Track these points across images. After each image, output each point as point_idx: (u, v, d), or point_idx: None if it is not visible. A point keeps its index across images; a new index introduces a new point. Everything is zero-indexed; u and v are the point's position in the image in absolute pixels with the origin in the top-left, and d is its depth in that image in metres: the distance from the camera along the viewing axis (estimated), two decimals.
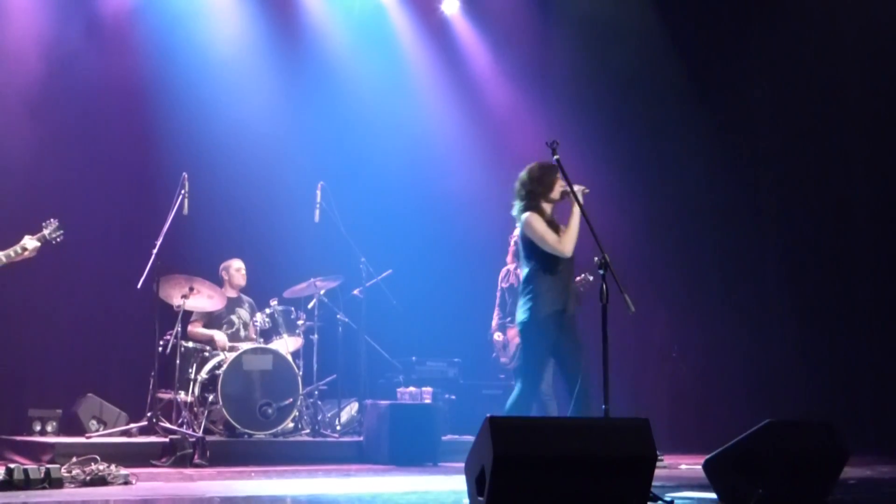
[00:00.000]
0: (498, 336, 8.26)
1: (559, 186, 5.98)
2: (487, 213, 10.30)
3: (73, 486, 5.23)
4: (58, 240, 6.98)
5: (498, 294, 8.33)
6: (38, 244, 6.80)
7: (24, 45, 8.70)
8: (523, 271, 6.10)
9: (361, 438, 8.01)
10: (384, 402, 8.08)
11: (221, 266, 8.58)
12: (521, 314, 6.02)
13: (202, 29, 9.53)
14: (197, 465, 6.82)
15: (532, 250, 5.99)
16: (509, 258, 8.21)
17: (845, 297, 9.95)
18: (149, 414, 7.47)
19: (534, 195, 6.02)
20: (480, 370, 9.71)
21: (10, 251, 6.68)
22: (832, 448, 4.80)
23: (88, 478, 5.33)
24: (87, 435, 7.50)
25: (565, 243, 5.94)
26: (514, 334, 8.11)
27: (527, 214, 5.97)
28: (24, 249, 6.72)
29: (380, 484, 5.90)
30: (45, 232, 6.87)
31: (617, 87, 10.48)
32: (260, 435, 7.63)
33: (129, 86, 9.09)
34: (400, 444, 7.60)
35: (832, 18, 10.01)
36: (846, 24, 10.00)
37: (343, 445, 7.96)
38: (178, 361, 7.69)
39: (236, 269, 8.55)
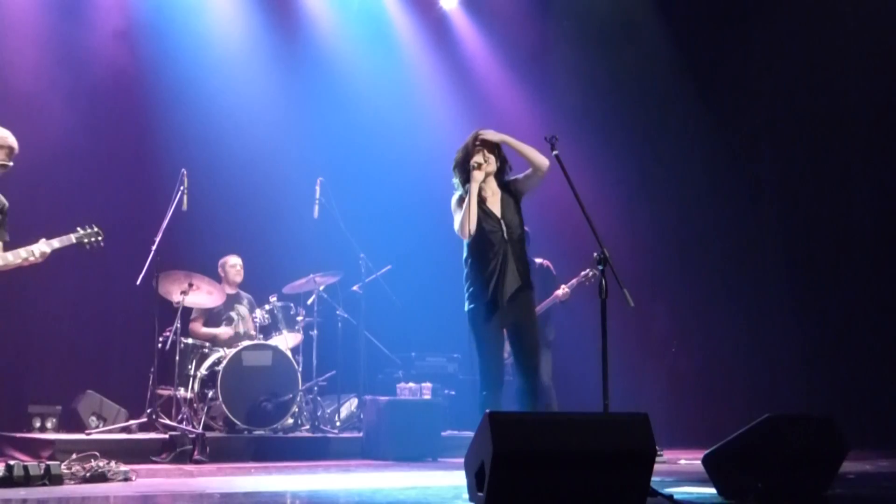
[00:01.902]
0: None
1: (473, 163, 5.73)
2: None
3: (72, 482, 5.24)
4: (93, 245, 6.47)
5: None
6: (48, 250, 6.23)
7: (23, 43, 8.69)
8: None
9: (361, 434, 8.02)
10: (384, 398, 8.08)
11: (219, 262, 8.59)
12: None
13: (201, 25, 9.53)
14: (197, 462, 6.83)
15: None
16: None
17: (845, 291, 9.95)
18: (148, 410, 7.48)
19: (461, 173, 5.85)
20: None
21: (22, 251, 6.18)
22: (831, 442, 4.80)
23: (88, 474, 5.34)
24: (86, 431, 7.51)
25: (456, 222, 5.73)
26: None
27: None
28: (31, 254, 6.16)
29: (380, 479, 5.91)
30: (73, 236, 6.40)
31: (617, 82, 10.48)
32: (259, 431, 7.64)
33: (128, 82, 9.09)
34: (399, 440, 7.61)
35: (832, 17, 10.00)
36: (847, 23, 9.99)
37: (343, 441, 7.96)
38: (177, 358, 7.70)
39: (231, 265, 8.55)
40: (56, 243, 6.31)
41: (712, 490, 4.84)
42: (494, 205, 5.79)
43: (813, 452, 4.70)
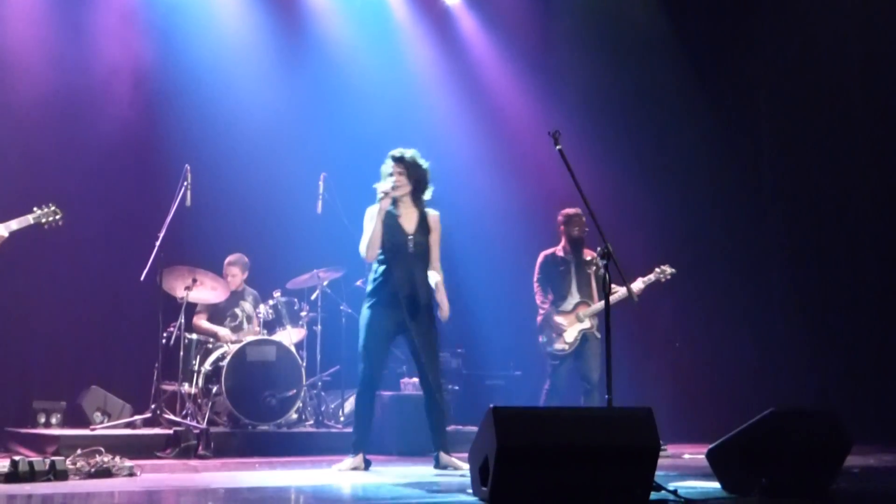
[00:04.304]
0: (560, 318, 7.92)
1: (380, 192, 6.23)
2: (489, 203, 10.31)
3: (77, 477, 5.25)
4: (52, 225, 6.66)
5: (539, 276, 8.10)
6: (5, 233, 6.34)
7: (27, 38, 8.69)
8: None
9: None
10: (387, 393, 8.09)
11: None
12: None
13: (205, 21, 9.52)
14: (201, 457, 6.84)
15: None
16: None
17: (848, 285, 9.94)
18: (153, 406, 7.49)
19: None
20: (484, 361, 9.72)
21: None
22: (835, 437, 4.80)
23: (93, 469, 5.35)
24: (91, 427, 7.52)
25: (361, 244, 6.19)
26: (572, 320, 7.91)
27: None
28: None
29: (383, 474, 5.91)
30: (30, 216, 6.51)
31: (620, 78, 10.45)
32: (264, 426, 7.65)
33: (131, 78, 9.08)
34: (403, 435, 7.62)
35: (835, 13, 9.98)
36: (849, 20, 9.97)
37: (347, 436, 7.87)
38: (181, 353, 7.71)
39: (229, 275, 8.46)
40: (14, 224, 6.43)
41: (716, 484, 4.84)
42: (407, 222, 6.28)
43: (817, 447, 4.70)
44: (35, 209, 6.61)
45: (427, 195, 6.39)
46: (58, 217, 6.71)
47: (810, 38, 10.03)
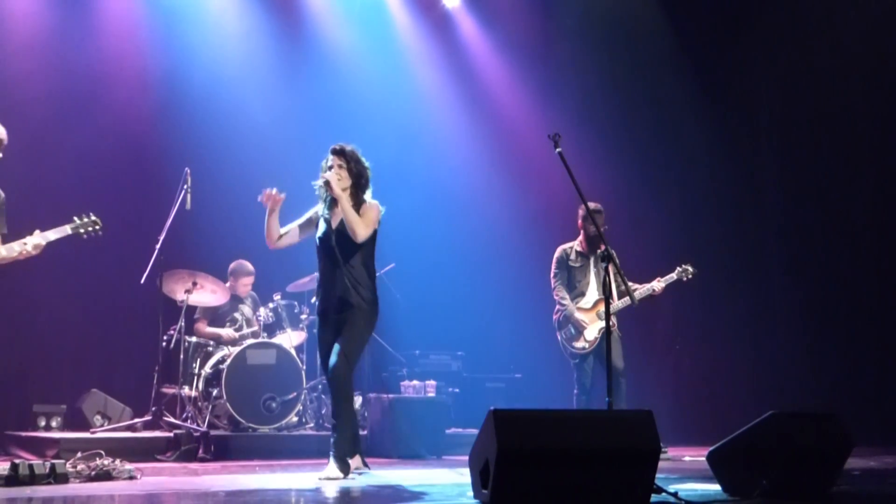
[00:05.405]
0: (581, 316, 7.71)
1: (320, 195, 6.20)
2: (490, 206, 10.31)
3: (77, 481, 5.25)
4: (91, 235, 6.36)
5: (556, 270, 7.85)
6: (42, 242, 6.08)
7: (27, 39, 8.71)
8: None
9: (365, 432, 8.01)
10: (388, 396, 8.09)
11: (230, 269, 8.53)
12: None
13: (207, 26, 9.54)
14: (201, 460, 6.85)
15: None
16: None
17: (849, 288, 9.94)
18: (153, 409, 7.49)
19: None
20: (484, 363, 9.72)
21: (15, 245, 6.01)
22: (836, 439, 4.80)
23: (93, 473, 5.35)
24: (91, 430, 7.53)
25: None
26: (593, 317, 7.71)
27: None
28: (24, 245, 5.96)
29: (384, 477, 5.91)
30: (68, 227, 6.25)
31: (620, 80, 10.47)
32: (264, 429, 7.65)
33: (132, 81, 9.09)
34: (404, 438, 7.62)
35: (834, 14, 9.98)
36: (850, 24, 9.97)
37: None
38: (181, 356, 7.72)
39: (243, 284, 8.47)
40: (51, 235, 6.20)
41: (717, 487, 4.84)
42: (336, 219, 6.11)
43: (817, 449, 4.70)
44: (75, 219, 6.30)
45: (368, 195, 6.18)
46: (97, 227, 6.37)
47: (812, 41, 10.03)
